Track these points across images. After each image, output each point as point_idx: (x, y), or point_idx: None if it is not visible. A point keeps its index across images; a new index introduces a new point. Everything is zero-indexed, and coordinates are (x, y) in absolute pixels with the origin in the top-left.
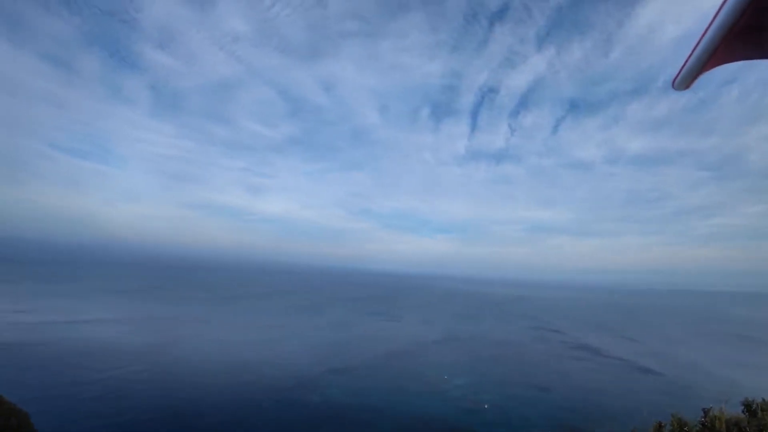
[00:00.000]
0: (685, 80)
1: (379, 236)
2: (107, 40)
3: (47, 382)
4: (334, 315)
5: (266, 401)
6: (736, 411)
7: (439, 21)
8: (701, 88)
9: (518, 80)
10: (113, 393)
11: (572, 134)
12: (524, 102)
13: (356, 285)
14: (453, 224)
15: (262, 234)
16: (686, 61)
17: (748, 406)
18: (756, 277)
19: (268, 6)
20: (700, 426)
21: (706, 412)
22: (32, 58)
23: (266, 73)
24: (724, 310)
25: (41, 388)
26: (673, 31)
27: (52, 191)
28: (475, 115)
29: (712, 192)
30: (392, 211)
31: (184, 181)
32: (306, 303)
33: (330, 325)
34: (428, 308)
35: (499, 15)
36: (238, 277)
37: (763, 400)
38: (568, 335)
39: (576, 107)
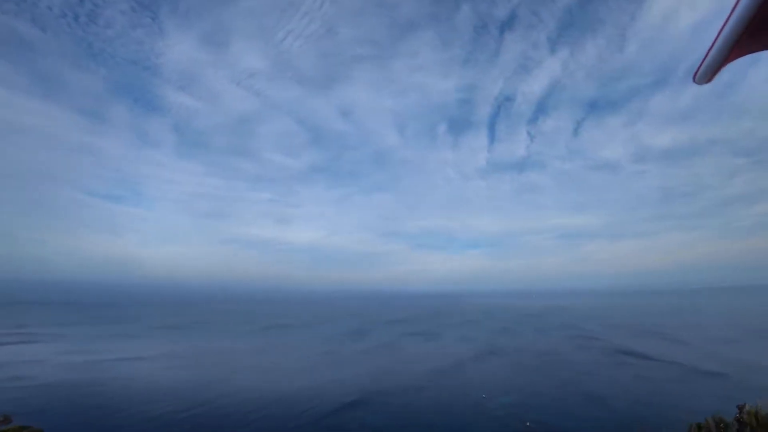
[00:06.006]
0: (707, 74)
1: (410, 257)
2: (131, 88)
3: (95, 421)
4: (375, 338)
5: (311, 429)
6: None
7: (449, 36)
8: (725, 70)
9: (534, 86)
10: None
11: (595, 135)
12: (542, 107)
13: (392, 308)
14: (482, 239)
15: (294, 263)
16: (707, 55)
17: None
18: None
19: (281, 39)
20: (737, 423)
21: (740, 408)
22: (66, 112)
23: (284, 104)
24: None
25: (87, 428)
26: (689, 18)
27: (92, 236)
28: (492, 126)
29: (753, 178)
30: (420, 230)
31: (214, 217)
32: (347, 329)
33: (371, 349)
34: (465, 325)
35: (509, 23)
36: (277, 308)
37: None
38: (611, 342)
39: (596, 107)
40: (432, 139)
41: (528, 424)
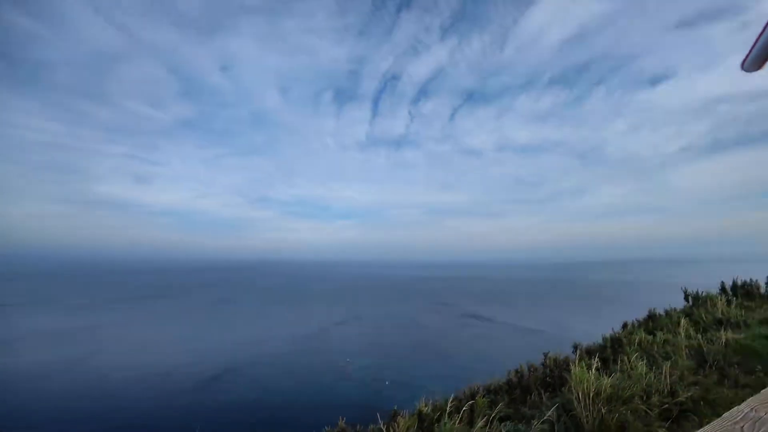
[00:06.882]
0: (756, 62)
1: (282, 224)
2: None
3: None
4: (242, 308)
5: (174, 407)
6: (568, 352)
7: (347, 4)
8: (577, 85)
9: (421, 68)
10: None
11: (467, 123)
12: (424, 90)
13: (261, 276)
14: (355, 210)
15: (155, 227)
16: (755, 43)
17: (575, 347)
18: (614, 247)
19: None
20: (542, 367)
21: (545, 355)
22: None
23: (156, 47)
24: (586, 277)
25: None
26: (558, 34)
27: None
28: (377, 101)
29: (581, 177)
30: (294, 197)
31: (55, 171)
32: (212, 298)
33: (238, 318)
34: (332, 294)
35: (407, 2)
36: (133, 278)
37: (594, 343)
38: (461, 308)
39: (471, 97)
40: (315, 105)
41: (387, 383)
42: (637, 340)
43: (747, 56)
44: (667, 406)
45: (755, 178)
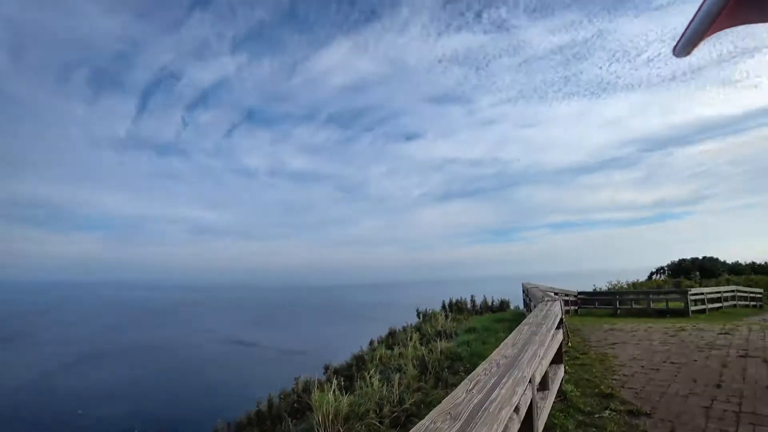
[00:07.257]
0: (687, 47)
1: None
2: None
3: None
4: None
5: None
6: (319, 375)
7: None
8: (350, 127)
9: (204, 75)
10: None
11: (244, 142)
12: (204, 99)
13: None
14: (103, 220)
15: None
16: (687, 28)
17: (326, 368)
18: (372, 272)
19: None
20: (292, 392)
21: (296, 379)
22: None
23: None
24: (348, 298)
25: None
26: (341, 79)
27: None
28: (146, 96)
29: (346, 208)
30: (12, 196)
31: None
32: None
33: None
34: (63, 324)
35: (203, 2)
36: None
37: (345, 363)
38: (226, 333)
39: (252, 117)
40: (62, 82)
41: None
42: (378, 356)
43: (678, 42)
44: (396, 414)
45: (471, 220)
